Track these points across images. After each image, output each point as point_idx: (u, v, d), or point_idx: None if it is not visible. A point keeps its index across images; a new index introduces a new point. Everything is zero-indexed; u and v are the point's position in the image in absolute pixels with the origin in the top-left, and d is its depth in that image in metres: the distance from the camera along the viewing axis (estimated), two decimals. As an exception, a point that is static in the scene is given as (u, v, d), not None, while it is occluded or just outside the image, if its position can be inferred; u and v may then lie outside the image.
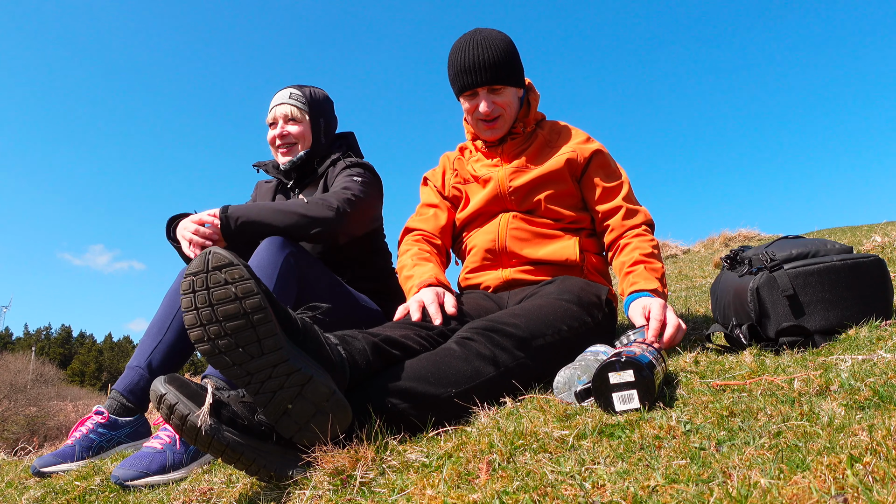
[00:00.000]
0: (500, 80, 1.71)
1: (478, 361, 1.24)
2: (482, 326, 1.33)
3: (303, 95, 2.01)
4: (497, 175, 1.77)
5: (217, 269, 0.99)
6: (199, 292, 0.98)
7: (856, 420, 0.83)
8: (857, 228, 6.00)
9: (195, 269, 0.99)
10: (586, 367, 1.19)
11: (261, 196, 2.15)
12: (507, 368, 1.28)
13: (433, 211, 1.88)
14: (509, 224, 1.72)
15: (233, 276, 0.99)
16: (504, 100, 1.74)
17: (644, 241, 1.67)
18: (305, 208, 1.70)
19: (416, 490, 0.87)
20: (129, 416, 1.68)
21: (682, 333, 1.42)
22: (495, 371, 1.25)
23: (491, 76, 1.70)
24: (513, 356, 1.29)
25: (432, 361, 1.23)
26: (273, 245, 1.60)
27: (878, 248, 3.01)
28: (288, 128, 1.98)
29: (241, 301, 0.98)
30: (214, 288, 0.98)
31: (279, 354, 1.00)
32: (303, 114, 1.99)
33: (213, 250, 1.00)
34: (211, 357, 0.99)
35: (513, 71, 1.73)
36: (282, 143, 1.99)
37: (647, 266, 1.59)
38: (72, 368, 42.91)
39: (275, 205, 1.71)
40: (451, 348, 1.27)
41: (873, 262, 1.34)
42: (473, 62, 1.70)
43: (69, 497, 1.33)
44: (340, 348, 1.16)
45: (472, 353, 1.25)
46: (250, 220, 1.66)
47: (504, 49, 1.71)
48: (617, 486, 0.76)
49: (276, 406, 1.01)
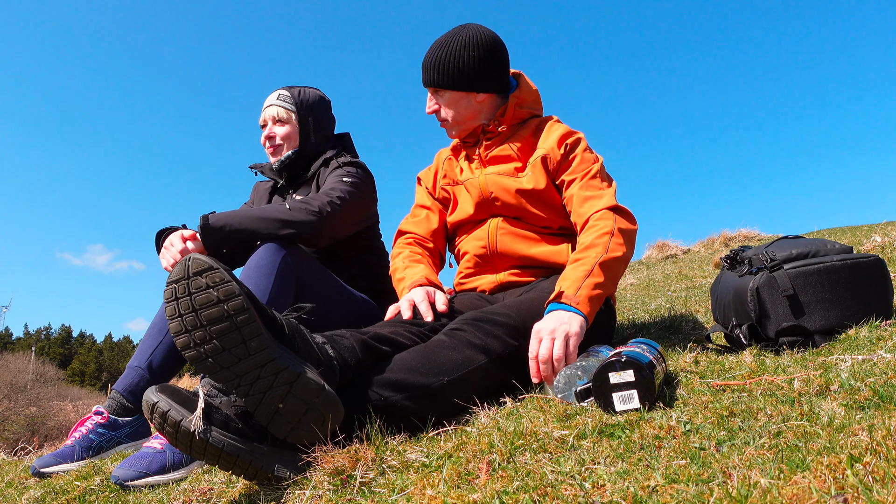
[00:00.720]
0: (436, 83, 1.67)
1: (468, 350, 1.24)
2: (472, 317, 1.32)
3: (291, 96, 2.01)
4: (479, 181, 1.71)
5: (198, 275, 0.99)
6: (181, 299, 0.99)
7: (856, 420, 0.83)
8: (857, 228, 6.00)
9: (176, 276, 1.00)
10: (586, 367, 1.19)
11: (258, 196, 2.16)
12: (498, 356, 1.27)
13: (425, 213, 1.85)
14: (499, 228, 1.67)
15: (214, 280, 0.99)
16: (447, 102, 1.70)
17: (590, 230, 1.50)
18: (286, 213, 1.69)
19: (416, 490, 0.87)
20: (128, 417, 1.68)
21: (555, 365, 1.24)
22: (486, 358, 1.25)
23: (428, 78, 1.69)
24: (504, 343, 1.29)
25: (422, 353, 1.23)
26: (270, 246, 1.60)
27: (878, 248, 3.01)
28: (275, 129, 2.00)
29: (224, 304, 0.98)
30: (196, 293, 0.98)
31: (265, 354, 1.00)
32: (290, 114, 1.99)
33: (192, 256, 1.01)
34: (198, 363, 0.99)
35: (455, 75, 1.65)
36: (269, 144, 2.02)
37: (573, 266, 1.42)
38: (72, 368, 42.93)
39: (255, 211, 1.70)
40: (441, 339, 1.27)
41: (873, 262, 1.34)
42: (425, 62, 1.70)
43: (69, 497, 1.33)
44: (328, 347, 1.16)
45: (461, 342, 1.25)
46: (233, 230, 1.65)
47: (453, 53, 1.64)
48: (617, 486, 0.76)
49: (267, 406, 1.01)
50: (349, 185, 1.85)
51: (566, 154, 1.63)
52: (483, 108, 1.71)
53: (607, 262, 1.40)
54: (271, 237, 1.65)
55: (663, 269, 5.43)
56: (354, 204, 1.85)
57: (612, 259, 1.41)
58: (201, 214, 1.67)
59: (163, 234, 1.74)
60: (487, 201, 1.70)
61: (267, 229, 1.65)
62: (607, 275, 1.39)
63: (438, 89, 1.70)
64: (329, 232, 1.78)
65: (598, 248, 1.43)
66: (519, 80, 1.75)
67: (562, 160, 1.63)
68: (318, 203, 1.75)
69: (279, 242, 1.62)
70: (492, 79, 1.69)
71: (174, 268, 1.01)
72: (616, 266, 1.43)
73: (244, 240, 1.66)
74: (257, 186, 2.20)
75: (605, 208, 1.52)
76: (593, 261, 1.39)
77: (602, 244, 1.43)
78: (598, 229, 1.47)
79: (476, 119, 1.72)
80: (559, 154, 1.63)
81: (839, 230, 6.02)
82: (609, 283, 1.40)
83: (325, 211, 1.74)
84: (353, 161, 1.98)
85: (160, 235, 1.75)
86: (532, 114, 1.77)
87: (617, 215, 1.51)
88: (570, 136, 1.66)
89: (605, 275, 1.38)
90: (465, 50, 1.64)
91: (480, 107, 1.71)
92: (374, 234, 2.10)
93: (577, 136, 1.66)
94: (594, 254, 1.42)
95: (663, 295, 3.32)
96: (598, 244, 1.44)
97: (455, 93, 1.68)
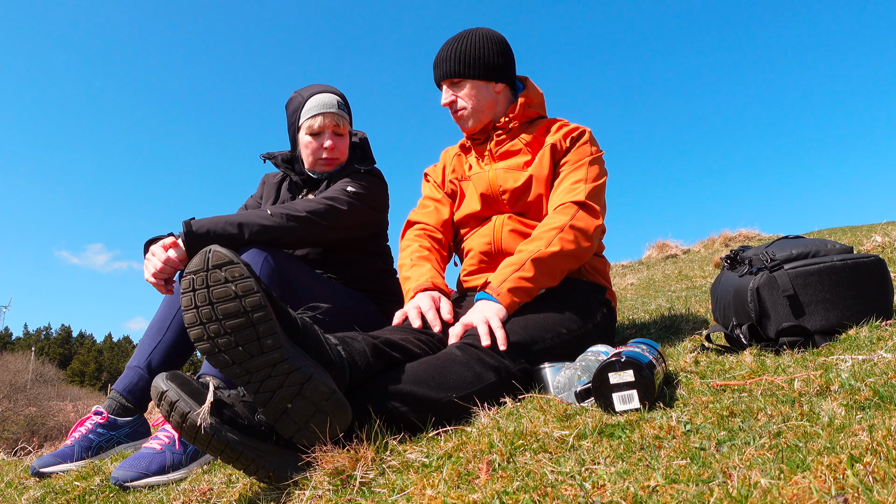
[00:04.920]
0: (457, 73, 1.73)
1: (479, 367, 1.25)
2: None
3: (345, 105, 1.95)
4: (488, 176, 1.75)
5: (217, 268, 0.99)
6: (198, 290, 0.98)
7: (856, 420, 0.83)
8: (857, 228, 6.00)
9: (195, 267, 0.99)
10: (586, 367, 1.19)
11: (267, 190, 2.12)
12: (509, 374, 1.28)
13: (434, 205, 1.87)
14: (504, 226, 1.70)
15: (233, 275, 0.99)
16: (465, 93, 1.75)
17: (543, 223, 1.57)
18: (268, 219, 1.67)
19: (416, 490, 0.87)
20: (128, 417, 1.68)
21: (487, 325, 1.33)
22: (496, 377, 1.26)
23: (448, 69, 1.74)
24: (514, 362, 1.30)
25: (434, 366, 1.23)
26: (253, 249, 1.59)
27: (879, 248, 3.01)
28: (337, 142, 1.92)
29: (241, 299, 0.98)
30: (214, 286, 0.98)
31: (279, 353, 1.00)
32: (346, 125, 1.95)
33: (213, 248, 1.00)
34: (210, 356, 0.99)
35: (476, 66, 1.73)
36: (329, 156, 1.93)
37: (511, 258, 1.51)
38: (71, 368, 42.89)
39: (237, 217, 1.67)
40: (454, 353, 1.27)
41: (874, 262, 1.34)
42: (439, 57, 1.77)
43: (69, 497, 1.33)
44: (340, 349, 1.16)
45: (473, 359, 1.25)
46: (216, 234, 1.62)
47: (472, 46, 1.73)
48: (617, 486, 0.75)
49: (275, 405, 1.01)
50: (349, 196, 1.83)
51: (570, 145, 1.71)
52: (499, 99, 1.78)
53: (543, 257, 1.48)
54: (252, 242, 1.63)
55: (663, 269, 5.43)
56: (349, 214, 1.82)
57: (549, 255, 1.48)
58: (183, 220, 1.64)
59: (150, 244, 1.69)
60: (495, 196, 1.73)
61: (249, 234, 1.63)
62: (539, 269, 1.47)
63: (459, 80, 1.75)
64: (312, 238, 1.77)
65: (541, 241, 1.52)
66: (525, 83, 1.82)
67: (565, 151, 1.71)
68: (305, 209, 1.73)
69: (260, 247, 1.61)
70: (507, 71, 1.78)
71: (193, 258, 1.00)
72: (553, 261, 1.49)
73: (227, 244, 1.64)
74: (266, 179, 2.16)
75: (571, 202, 1.58)
76: (528, 256, 1.48)
77: (546, 239, 1.52)
78: (551, 224, 1.55)
79: (492, 110, 1.77)
80: (566, 144, 1.71)
81: (839, 230, 6.01)
82: (540, 276, 1.47)
83: (307, 219, 1.72)
84: (369, 170, 1.96)
85: (147, 246, 1.70)
86: (539, 115, 1.82)
87: (580, 210, 1.57)
88: (578, 129, 1.74)
89: (537, 269, 1.46)
90: (483, 41, 1.74)
91: (497, 98, 1.77)
92: (381, 240, 2.09)
93: (582, 129, 1.74)
94: (532, 248, 1.50)
95: (663, 295, 3.32)
96: (541, 238, 1.52)
97: (475, 81, 1.74)
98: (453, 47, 1.74)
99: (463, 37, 1.76)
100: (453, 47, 1.74)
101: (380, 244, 2.08)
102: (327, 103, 1.91)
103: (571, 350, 1.39)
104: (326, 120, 1.89)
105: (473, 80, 1.74)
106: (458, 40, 1.75)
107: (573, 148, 1.70)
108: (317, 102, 1.91)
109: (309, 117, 1.90)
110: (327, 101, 1.91)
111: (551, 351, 1.37)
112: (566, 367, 1.23)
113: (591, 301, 1.58)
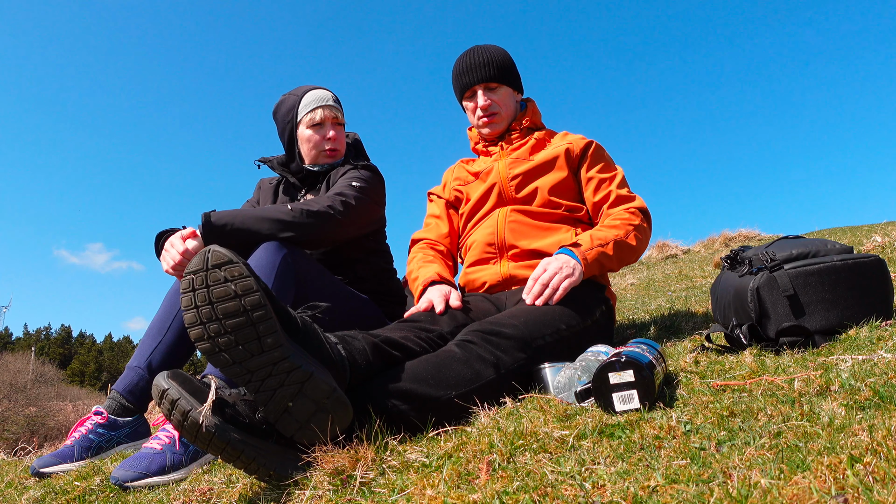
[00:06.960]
0: (495, 78, 1.85)
1: (478, 364, 1.25)
2: (482, 329, 1.33)
3: (339, 101, 2.02)
4: (497, 166, 1.86)
5: (216, 267, 0.99)
6: (198, 290, 0.98)
7: (856, 420, 0.83)
8: (858, 228, 6.01)
9: (195, 267, 0.99)
10: (586, 367, 1.19)
11: (263, 194, 2.13)
12: (508, 370, 1.28)
13: (435, 222, 1.99)
14: (507, 217, 1.77)
15: (232, 274, 0.99)
16: (500, 97, 1.88)
17: (618, 215, 1.72)
18: (288, 214, 1.67)
19: (416, 490, 0.87)
20: (128, 417, 1.68)
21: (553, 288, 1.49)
22: (495, 374, 1.26)
23: (486, 74, 1.85)
24: (513, 358, 1.30)
25: (433, 363, 1.23)
26: (271, 246, 1.60)
27: (879, 248, 3.01)
28: (338, 132, 1.99)
29: (241, 298, 0.98)
30: (214, 286, 0.98)
31: (279, 352, 1.00)
32: (343, 119, 2.03)
33: (212, 248, 1.00)
34: (211, 355, 0.99)
35: (508, 72, 1.88)
36: (332, 146, 1.98)
37: (596, 231, 1.66)
38: (71, 368, 42.88)
39: (256, 211, 1.68)
40: (452, 351, 1.27)
41: (874, 262, 1.34)
42: (471, 64, 1.87)
43: (69, 497, 1.33)
44: (340, 347, 1.16)
45: (472, 356, 1.26)
46: (234, 228, 1.63)
47: (500, 54, 1.88)
48: (617, 486, 0.75)
49: (276, 404, 1.01)
50: (356, 190, 1.85)
51: (592, 157, 1.83)
52: (516, 107, 1.94)
53: (622, 244, 1.63)
54: (272, 238, 1.64)
55: (663, 269, 5.43)
56: (359, 208, 1.83)
57: (627, 244, 1.64)
58: (203, 212, 1.66)
59: (162, 236, 1.71)
60: (501, 187, 1.83)
61: (268, 230, 1.64)
62: (617, 253, 1.62)
63: (497, 85, 1.87)
64: (330, 236, 1.78)
65: (621, 231, 1.66)
66: (528, 102, 1.98)
67: (582, 157, 1.83)
68: (321, 206, 1.74)
69: (279, 243, 1.62)
70: (521, 84, 1.97)
71: (193, 258, 1.00)
72: (627, 252, 1.65)
73: (245, 239, 1.64)
74: (262, 183, 2.17)
75: (637, 208, 1.75)
76: (613, 236, 1.63)
77: (625, 230, 1.67)
78: (628, 220, 1.70)
79: (512, 116, 1.93)
80: (579, 148, 1.83)
81: (839, 230, 6.02)
82: (615, 260, 1.62)
83: (327, 214, 1.73)
84: (366, 165, 1.98)
85: (159, 238, 1.71)
86: (541, 126, 1.99)
87: (644, 219, 1.74)
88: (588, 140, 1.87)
89: (615, 252, 1.61)
90: (504, 54, 1.90)
91: (516, 105, 1.94)
92: (381, 237, 2.10)
93: (596, 143, 1.87)
94: (615, 233, 1.64)
95: (663, 295, 3.32)
96: (622, 228, 1.67)
97: (507, 88, 1.90)
98: (484, 55, 1.86)
99: (487, 47, 1.88)
100: (484, 55, 1.86)
101: (380, 241, 2.09)
102: (324, 97, 1.98)
103: (570, 347, 1.40)
104: (327, 112, 1.96)
105: (506, 87, 1.88)
106: (485, 49, 1.88)
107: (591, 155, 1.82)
108: (314, 97, 1.98)
109: (309, 111, 1.96)
110: (324, 95, 1.99)
111: (550, 347, 1.37)
112: (566, 367, 1.23)
113: (590, 299, 1.59)
